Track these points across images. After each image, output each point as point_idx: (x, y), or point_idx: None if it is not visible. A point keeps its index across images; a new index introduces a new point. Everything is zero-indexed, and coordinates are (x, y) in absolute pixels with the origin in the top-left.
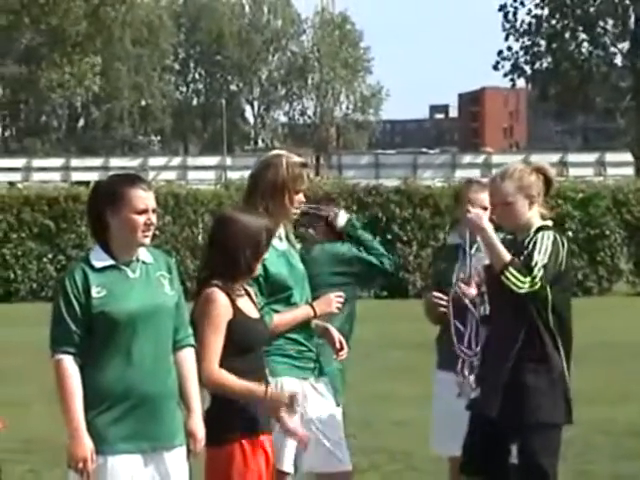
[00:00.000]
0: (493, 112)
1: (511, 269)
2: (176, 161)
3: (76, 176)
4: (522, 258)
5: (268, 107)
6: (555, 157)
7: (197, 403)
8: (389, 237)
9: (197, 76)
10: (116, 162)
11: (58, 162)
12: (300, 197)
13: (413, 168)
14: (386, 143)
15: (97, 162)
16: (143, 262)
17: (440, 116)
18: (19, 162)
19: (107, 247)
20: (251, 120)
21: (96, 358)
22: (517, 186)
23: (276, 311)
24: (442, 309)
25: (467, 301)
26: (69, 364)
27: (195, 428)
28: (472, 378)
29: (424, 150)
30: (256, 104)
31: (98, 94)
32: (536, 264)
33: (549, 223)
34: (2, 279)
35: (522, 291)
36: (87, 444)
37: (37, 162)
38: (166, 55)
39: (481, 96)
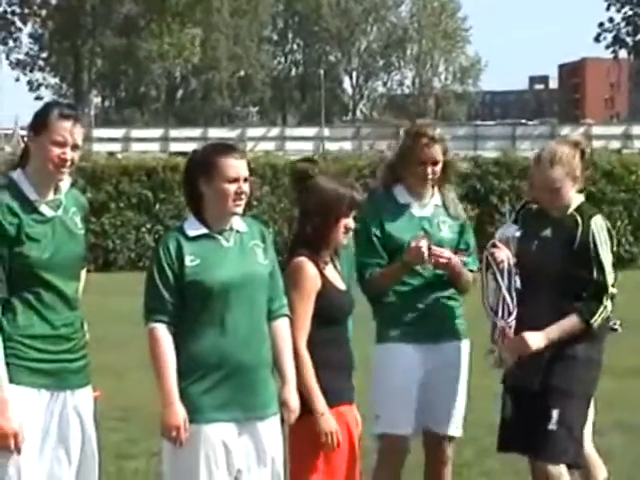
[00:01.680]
0: (594, 83)
1: (591, 319)
2: (274, 132)
3: (175, 147)
4: (592, 263)
5: (367, 78)
6: None
7: (292, 373)
8: (487, 209)
9: (295, 47)
10: (214, 133)
11: (157, 133)
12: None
13: (512, 139)
14: (485, 114)
15: (195, 133)
16: (237, 231)
17: (540, 87)
18: (118, 132)
19: (201, 216)
20: (349, 91)
21: (190, 327)
22: (566, 172)
23: None
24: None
25: (499, 266)
26: (162, 332)
27: (289, 398)
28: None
29: (523, 121)
30: (354, 75)
31: (197, 65)
32: (609, 275)
33: (582, 198)
34: (101, 249)
35: (610, 308)
36: (180, 413)
37: (136, 132)
38: (265, 26)
39: (582, 67)
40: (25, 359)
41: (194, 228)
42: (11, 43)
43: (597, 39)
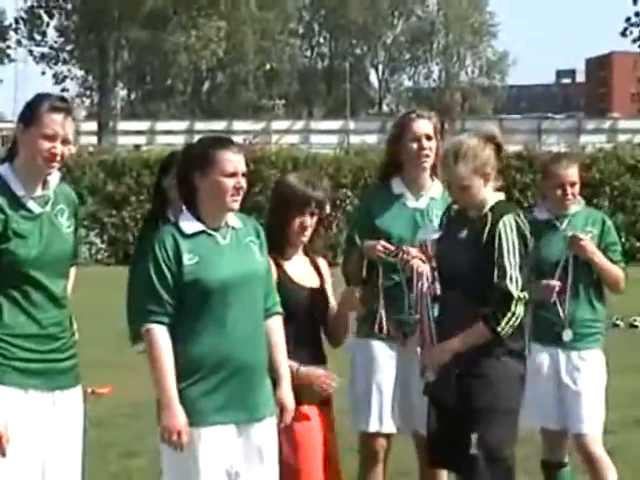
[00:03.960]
0: (621, 77)
1: (497, 327)
2: (299, 125)
3: None
4: (495, 267)
5: (393, 71)
6: None
7: (287, 372)
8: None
9: (322, 40)
10: (239, 125)
11: (182, 125)
12: None
13: (537, 133)
14: (512, 108)
15: (221, 125)
16: (232, 227)
17: (567, 81)
18: (144, 125)
19: (195, 212)
20: (375, 84)
21: (187, 327)
22: (472, 168)
23: None
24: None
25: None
26: (161, 334)
27: (285, 398)
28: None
29: (549, 115)
30: (381, 68)
31: (223, 57)
32: (511, 279)
33: (501, 196)
34: (121, 242)
35: (521, 314)
36: (181, 416)
37: (161, 125)
38: (291, 19)
39: (609, 61)
40: (12, 359)
41: (190, 224)
42: (37, 37)
43: (624, 33)
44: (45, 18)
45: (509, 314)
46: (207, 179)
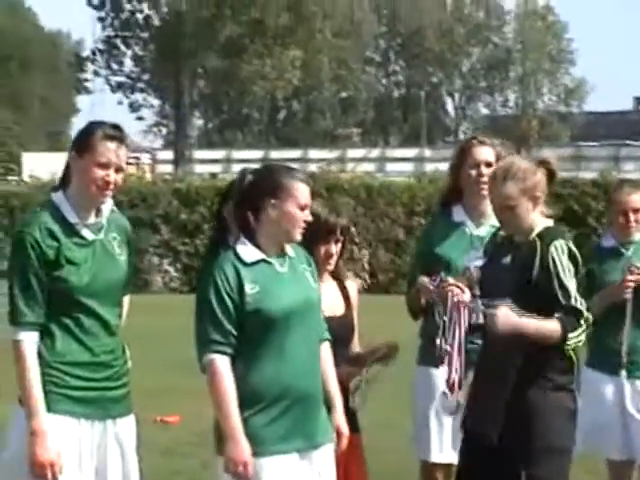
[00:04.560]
0: None
1: (570, 335)
2: (375, 153)
3: None
4: (556, 291)
5: (469, 99)
6: None
7: (339, 398)
8: (585, 230)
9: (398, 68)
10: (315, 154)
11: (258, 154)
12: None
13: (615, 160)
14: (589, 135)
15: (296, 154)
16: (288, 256)
17: None
18: (220, 154)
19: (253, 240)
20: (452, 112)
21: (249, 357)
22: (521, 189)
23: None
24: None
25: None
26: (223, 364)
27: (341, 424)
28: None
29: (627, 142)
30: (457, 96)
31: (299, 86)
32: (576, 299)
33: (550, 223)
34: (194, 270)
35: (585, 335)
36: (246, 447)
37: (237, 154)
38: (367, 47)
39: None
40: (64, 387)
41: (250, 252)
42: (114, 66)
43: None
44: (122, 48)
45: (580, 330)
46: (279, 209)
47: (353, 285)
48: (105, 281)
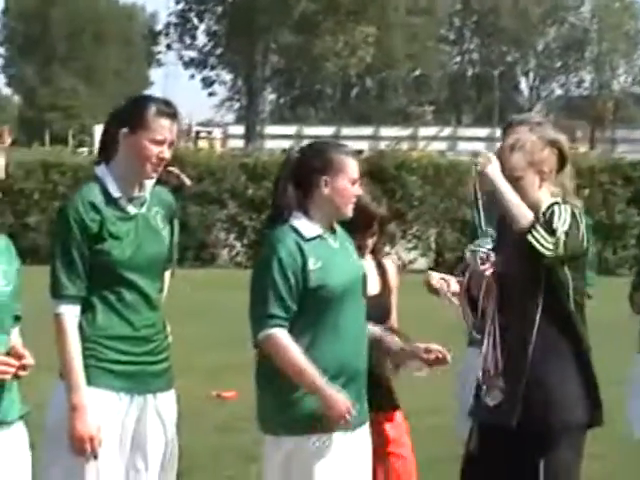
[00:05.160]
0: None
1: (538, 227)
2: (447, 131)
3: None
4: (540, 222)
5: (544, 79)
6: None
7: None
8: None
9: (472, 46)
10: (386, 131)
11: (329, 130)
12: None
13: None
14: None
15: (368, 131)
16: (337, 232)
17: None
18: (291, 129)
19: (307, 215)
20: (525, 92)
21: (305, 335)
22: (528, 160)
23: None
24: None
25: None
26: (286, 337)
27: None
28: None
29: None
30: (531, 75)
31: (372, 63)
32: (557, 228)
33: (559, 201)
34: (260, 245)
35: (549, 254)
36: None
37: (309, 130)
38: (442, 24)
39: None
40: (104, 360)
41: (309, 228)
42: (187, 40)
43: None
44: (195, 22)
45: (548, 237)
46: (331, 185)
47: (392, 265)
48: (147, 255)
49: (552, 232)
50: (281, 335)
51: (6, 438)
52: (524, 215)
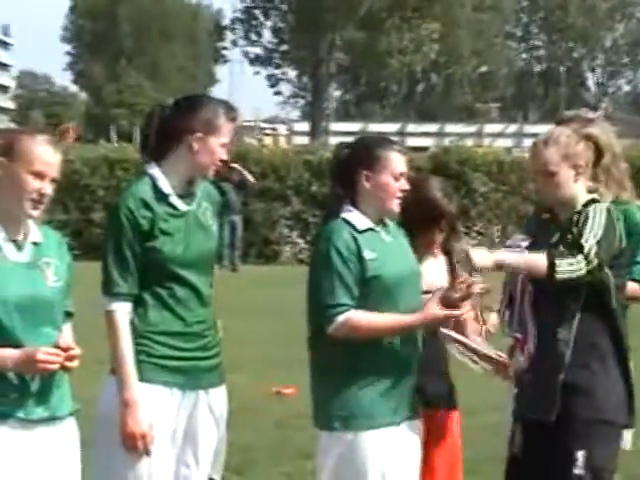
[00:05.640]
0: None
1: (557, 261)
2: (512, 128)
3: (411, 141)
4: (569, 236)
5: (611, 75)
6: None
7: None
8: None
9: (539, 42)
10: (451, 128)
11: (394, 127)
12: None
13: None
14: None
15: (433, 127)
16: (389, 226)
17: None
18: (356, 126)
19: (357, 209)
20: (592, 88)
21: None
22: (562, 154)
23: None
24: None
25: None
26: (357, 314)
27: None
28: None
29: None
30: (599, 71)
31: (438, 60)
32: (587, 240)
33: (596, 197)
34: None
35: (583, 273)
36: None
37: (373, 127)
38: (508, 21)
39: None
40: (156, 356)
41: (360, 220)
42: (253, 37)
43: None
44: (261, 18)
45: (573, 260)
46: (374, 180)
47: None
48: (198, 251)
49: (579, 248)
50: (354, 314)
51: (57, 434)
52: (538, 265)
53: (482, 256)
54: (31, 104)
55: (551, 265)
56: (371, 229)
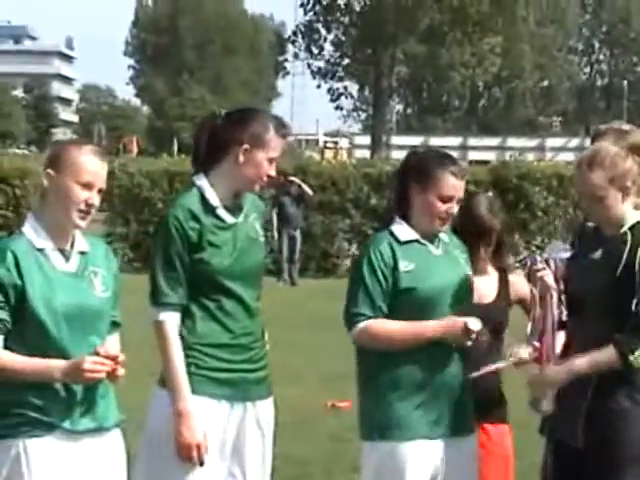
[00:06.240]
0: None
1: (627, 352)
2: (574, 142)
3: (473, 155)
4: (634, 294)
5: None
6: None
7: None
8: None
9: (602, 57)
10: (513, 142)
11: (456, 141)
12: None
13: None
14: None
15: (495, 141)
16: (442, 240)
17: None
18: (417, 140)
19: (408, 221)
20: None
21: None
22: (609, 178)
23: None
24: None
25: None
26: (376, 322)
27: None
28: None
29: None
30: None
31: (500, 74)
32: None
33: None
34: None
35: None
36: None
37: (435, 140)
38: (571, 35)
39: None
40: (205, 368)
41: (404, 232)
42: (314, 50)
43: None
44: (323, 32)
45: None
46: (421, 195)
47: (519, 279)
48: (246, 263)
49: None
50: (373, 323)
51: (103, 445)
52: (608, 361)
53: (555, 375)
54: (94, 117)
55: (624, 358)
56: (416, 241)
